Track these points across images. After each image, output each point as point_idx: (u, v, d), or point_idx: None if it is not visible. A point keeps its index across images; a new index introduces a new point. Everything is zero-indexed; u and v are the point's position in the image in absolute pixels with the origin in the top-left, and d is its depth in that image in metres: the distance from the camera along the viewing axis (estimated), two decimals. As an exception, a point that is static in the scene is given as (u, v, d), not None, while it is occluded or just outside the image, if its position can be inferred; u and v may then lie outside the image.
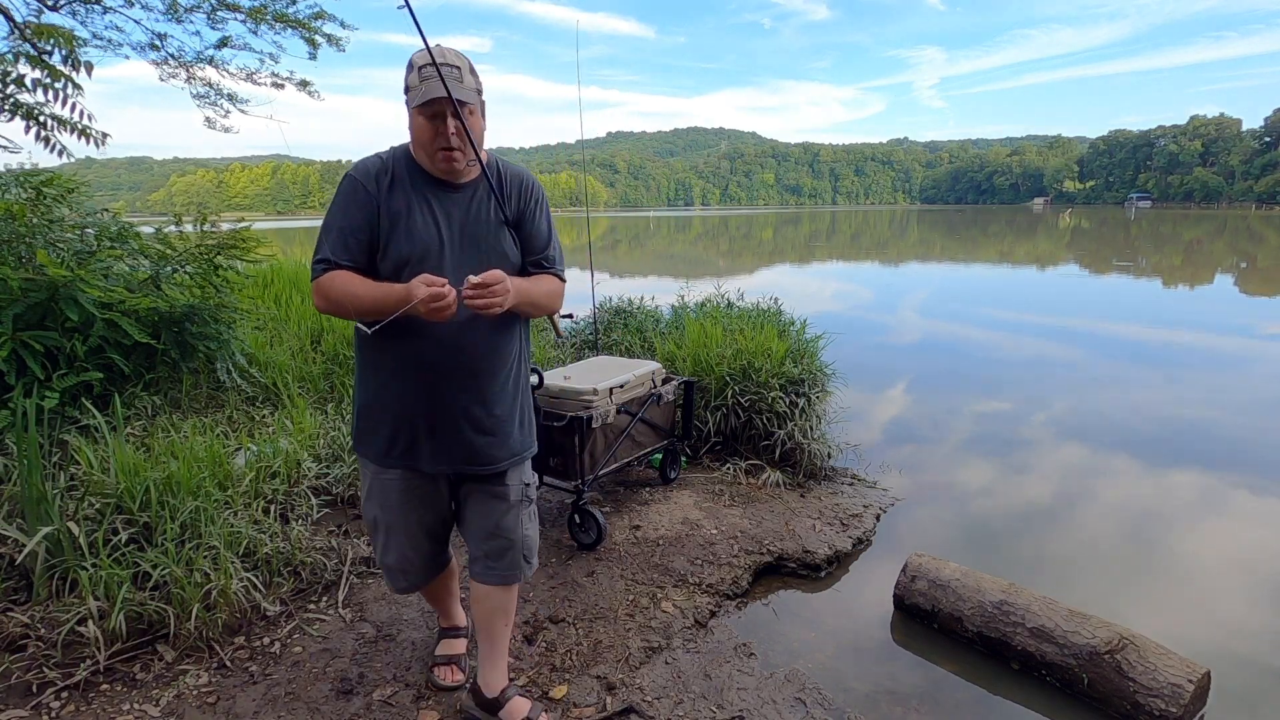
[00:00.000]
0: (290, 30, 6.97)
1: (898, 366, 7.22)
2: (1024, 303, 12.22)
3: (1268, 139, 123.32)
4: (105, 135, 3.87)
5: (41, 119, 3.74)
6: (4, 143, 3.87)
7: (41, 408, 2.88)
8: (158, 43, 7.04)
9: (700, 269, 19.22)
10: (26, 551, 2.33)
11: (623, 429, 3.31)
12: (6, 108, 3.70)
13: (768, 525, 3.33)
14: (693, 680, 2.29)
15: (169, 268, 3.97)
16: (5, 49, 4.72)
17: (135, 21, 6.89)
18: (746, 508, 3.52)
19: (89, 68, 3.81)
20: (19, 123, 3.71)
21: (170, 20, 6.87)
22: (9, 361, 3.02)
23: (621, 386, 3.26)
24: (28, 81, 3.60)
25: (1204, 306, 11.88)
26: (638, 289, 6.26)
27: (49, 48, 3.78)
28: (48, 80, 3.57)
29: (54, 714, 2.02)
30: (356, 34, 7.37)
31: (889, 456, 4.45)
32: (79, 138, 3.82)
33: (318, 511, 3.04)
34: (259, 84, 7.47)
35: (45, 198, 3.81)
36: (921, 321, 10.18)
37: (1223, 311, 11.22)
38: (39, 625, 2.25)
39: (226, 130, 7.72)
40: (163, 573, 2.32)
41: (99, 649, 2.16)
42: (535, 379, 2.98)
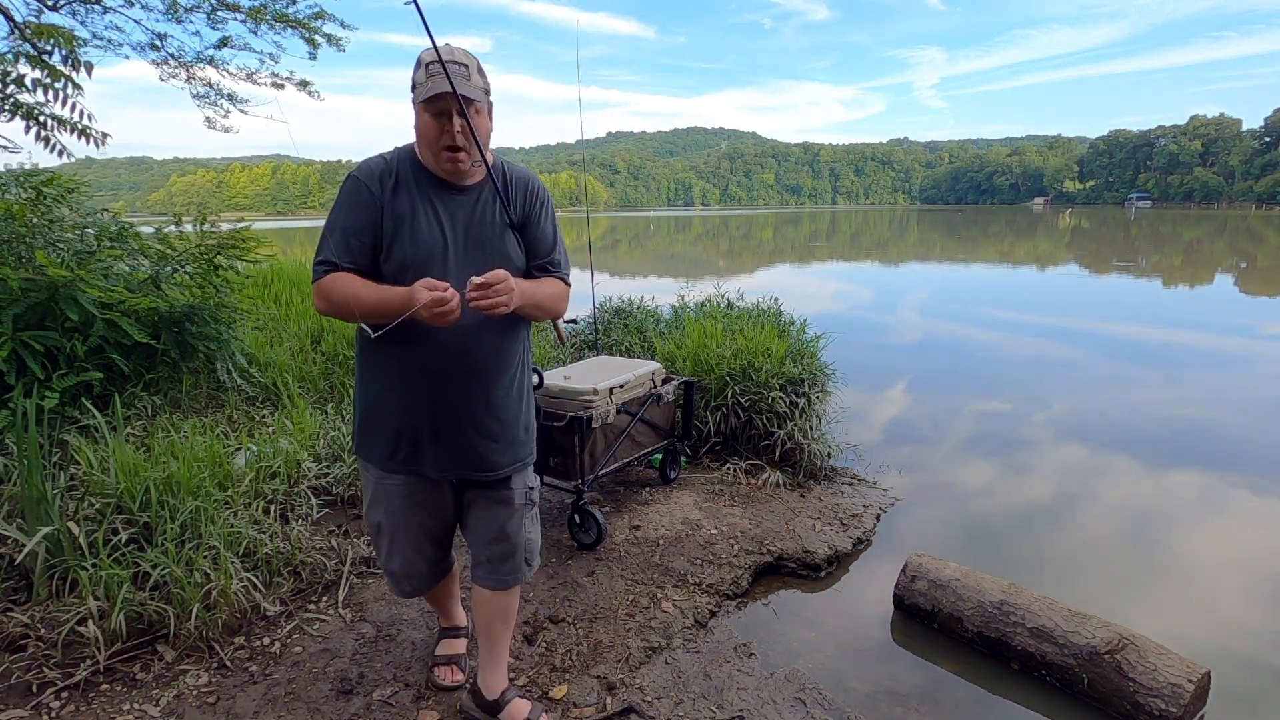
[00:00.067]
0: (290, 30, 6.98)
1: (898, 366, 7.22)
2: (1024, 303, 12.22)
3: (1268, 139, 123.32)
4: (105, 135, 3.88)
5: (41, 119, 3.75)
6: (4, 143, 3.87)
7: (41, 408, 2.88)
8: (158, 43, 7.06)
9: (700, 269, 19.22)
10: (26, 551, 2.33)
11: (623, 429, 3.31)
12: (6, 108, 3.70)
13: (768, 525, 3.33)
14: (693, 680, 2.29)
15: (169, 268, 3.97)
16: (5, 49, 4.73)
17: (135, 21, 6.91)
18: (746, 508, 3.52)
19: (89, 68, 3.82)
20: (19, 123, 3.72)
21: (170, 20, 6.89)
22: (9, 361, 3.03)
23: (621, 386, 3.26)
24: (28, 81, 3.60)
25: (1204, 306, 11.88)
26: (638, 289, 6.26)
27: (49, 48, 3.78)
28: (48, 80, 3.57)
29: (54, 714, 2.02)
30: (356, 34, 7.37)
31: (889, 456, 4.45)
32: (79, 138, 3.83)
33: (318, 511, 3.04)
34: (259, 84, 7.49)
35: (45, 198, 3.81)
36: (921, 321, 10.18)
37: (1223, 311, 11.22)
38: (39, 625, 2.24)
39: (226, 130, 7.73)
40: (163, 573, 2.32)
41: (99, 649, 2.16)
42: (535, 379, 2.98)
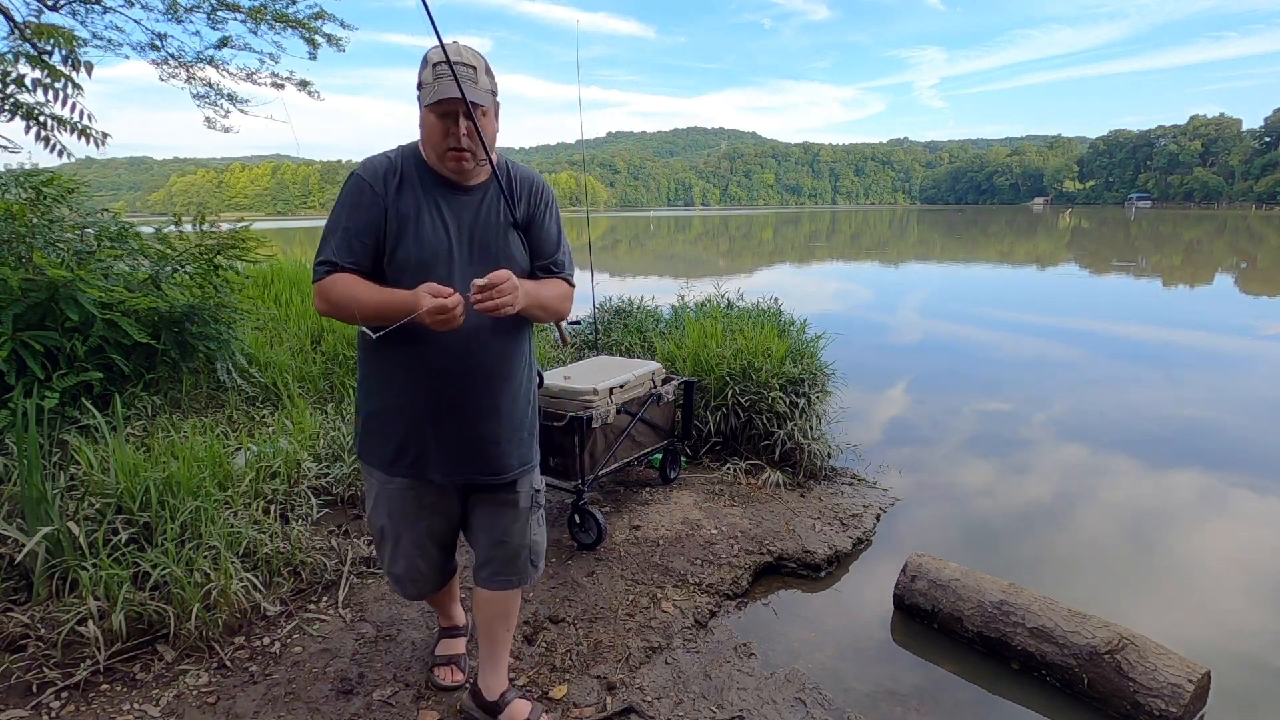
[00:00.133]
0: (290, 30, 6.98)
1: (898, 366, 7.22)
2: (1024, 303, 12.22)
3: (1268, 139, 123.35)
4: (105, 135, 3.87)
5: (41, 119, 3.74)
6: (4, 143, 3.87)
7: (41, 408, 2.88)
8: (158, 43, 7.06)
9: (700, 269, 19.22)
10: (26, 551, 2.33)
11: (623, 429, 3.31)
12: (6, 108, 3.70)
13: (768, 525, 3.33)
14: (693, 680, 2.29)
15: (169, 268, 3.97)
16: (5, 49, 4.73)
17: (135, 21, 6.91)
18: (746, 508, 3.52)
19: (89, 68, 3.81)
20: (19, 123, 3.71)
21: (170, 20, 6.89)
22: (9, 361, 3.02)
23: (621, 386, 3.26)
24: (28, 81, 3.60)
25: (1204, 306, 11.88)
26: (638, 289, 6.27)
27: (49, 48, 3.78)
28: (48, 80, 3.57)
29: (54, 714, 2.02)
30: (356, 34, 7.37)
31: (889, 456, 4.45)
32: (79, 138, 3.82)
33: (318, 511, 3.04)
34: (259, 84, 7.49)
35: (45, 198, 3.81)
36: (921, 321, 10.18)
37: (1223, 311, 11.22)
38: (39, 625, 2.24)
39: (226, 130, 7.73)
40: (163, 573, 2.32)
41: (99, 649, 2.16)
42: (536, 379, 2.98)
